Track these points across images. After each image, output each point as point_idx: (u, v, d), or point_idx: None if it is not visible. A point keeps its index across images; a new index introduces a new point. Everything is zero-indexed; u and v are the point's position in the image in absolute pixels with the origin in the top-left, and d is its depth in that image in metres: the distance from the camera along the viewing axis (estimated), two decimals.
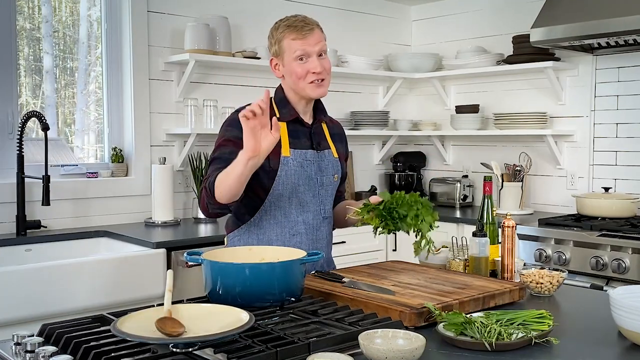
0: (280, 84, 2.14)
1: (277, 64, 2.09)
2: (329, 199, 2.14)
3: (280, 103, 2.10)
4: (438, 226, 1.98)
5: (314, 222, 2.11)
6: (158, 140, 3.64)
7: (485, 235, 2.04)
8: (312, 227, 2.10)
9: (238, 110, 2.01)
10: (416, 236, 1.94)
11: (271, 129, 1.79)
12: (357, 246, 3.67)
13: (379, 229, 1.93)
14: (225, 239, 2.20)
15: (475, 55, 4.24)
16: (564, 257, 3.25)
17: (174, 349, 1.28)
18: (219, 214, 2.01)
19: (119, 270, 2.77)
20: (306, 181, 2.07)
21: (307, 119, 2.14)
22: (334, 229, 2.26)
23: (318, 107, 2.18)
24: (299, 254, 1.72)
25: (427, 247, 1.93)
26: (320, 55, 2.04)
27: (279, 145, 2.01)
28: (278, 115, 2.05)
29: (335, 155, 2.18)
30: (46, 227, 3.20)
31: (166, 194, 3.45)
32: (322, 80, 2.05)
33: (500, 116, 4.07)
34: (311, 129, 2.13)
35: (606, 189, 3.65)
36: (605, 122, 3.81)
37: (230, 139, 2.01)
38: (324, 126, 2.21)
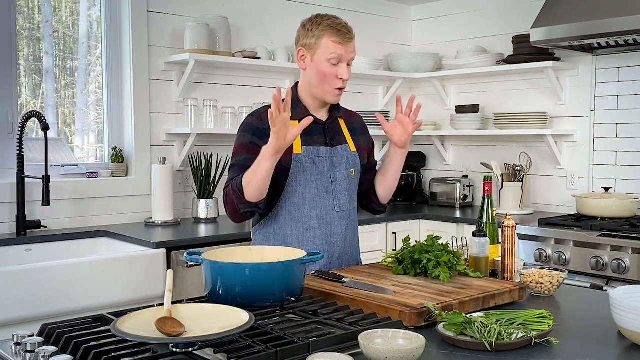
0: (296, 83, 2.18)
1: (304, 55, 2.11)
2: (344, 194, 2.17)
3: (293, 102, 2.13)
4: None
5: (327, 217, 2.14)
6: (158, 140, 3.65)
7: (485, 235, 2.04)
8: (325, 222, 2.14)
9: (252, 114, 2.14)
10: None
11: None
12: None
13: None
14: (251, 233, 2.28)
15: (475, 55, 4.24)
16: (564, 257, 3.25)
17: (174, 349, 1.28)
18: (249, 215, 2.06)
19: (119, 270, 2.77)
20: (318, 177, 2.11)
21: (321, 115, 2.18)
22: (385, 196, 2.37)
23: (332, 104, 2.21)
24: (299, 254, 1.72)
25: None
26: (349, 64, 2.11)
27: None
28: (290, 115, 2.09)
29: (353, 149, 2.21)
30: (46, 227, 3.20)
31: (166, 194, 3.45)
32: (342, 89, 2.12)
33: (500, 116, 4.07)
34: (325, 125, 2.17)
35: (606, 189, 3.65)
36: (605, 122, 3.81)
37: (243, 144, 2.10)
38: (341, 122, 2.24)
